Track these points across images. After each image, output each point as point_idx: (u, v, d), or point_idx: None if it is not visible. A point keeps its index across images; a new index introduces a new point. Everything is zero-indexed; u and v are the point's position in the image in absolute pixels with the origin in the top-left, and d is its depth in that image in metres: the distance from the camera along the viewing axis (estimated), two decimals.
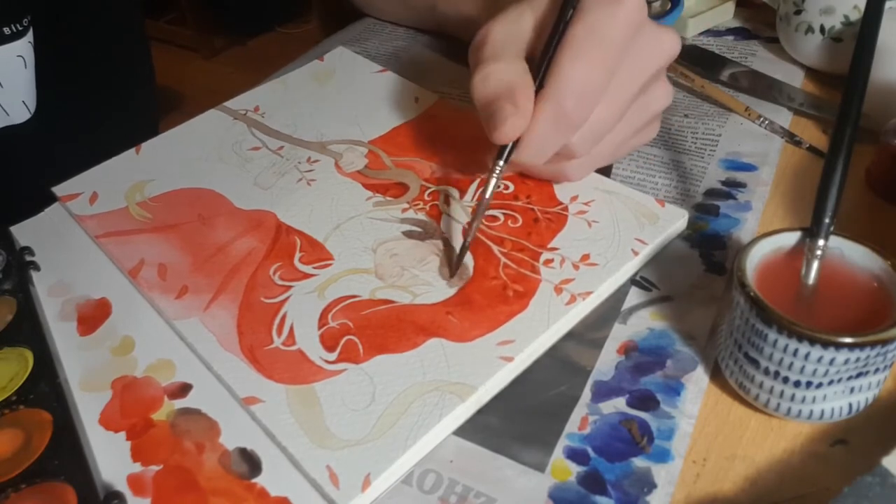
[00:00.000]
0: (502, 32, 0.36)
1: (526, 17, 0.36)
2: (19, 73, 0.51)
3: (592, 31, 0.33)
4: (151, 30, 2.25)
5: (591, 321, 0.35)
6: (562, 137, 0.35)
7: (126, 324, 0.36)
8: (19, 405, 0.32)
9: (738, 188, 0.42)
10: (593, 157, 0.38)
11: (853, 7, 0.48)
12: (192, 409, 0.32)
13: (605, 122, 0.36)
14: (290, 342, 0.33)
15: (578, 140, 0.36)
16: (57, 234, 0.41)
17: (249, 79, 0.56)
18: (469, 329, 0.33)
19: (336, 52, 0.54)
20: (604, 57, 0.33)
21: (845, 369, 0.28)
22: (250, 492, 0.28)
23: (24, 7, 0.50)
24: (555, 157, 0.37)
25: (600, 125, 0.35)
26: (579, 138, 0.35)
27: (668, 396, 0.31)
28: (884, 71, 0.43)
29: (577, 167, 0.39)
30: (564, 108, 0.33)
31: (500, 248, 0.37)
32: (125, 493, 0.29)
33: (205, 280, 0.37)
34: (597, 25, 0.33)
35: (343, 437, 0.29)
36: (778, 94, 0.50)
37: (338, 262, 0.37)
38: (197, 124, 0.48)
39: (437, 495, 0.29)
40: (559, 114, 0.33)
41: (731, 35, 0.58)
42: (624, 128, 0.37)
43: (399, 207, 0.41)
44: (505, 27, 0.36)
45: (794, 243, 0.31)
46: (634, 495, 0.28)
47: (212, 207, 0.42)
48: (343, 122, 0.47)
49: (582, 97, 0.33)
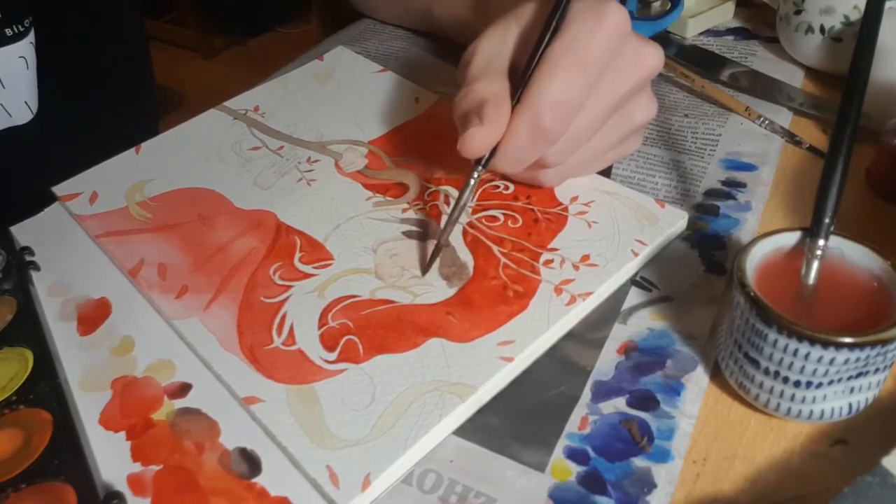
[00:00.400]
0: (487, 51, 0.37)
1: (511, 32, 0.37)
2: (21, 73, 0.51)
3: (573, 45, 0.34)
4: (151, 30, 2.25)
5: (591, 321, 0.35)
6: (538, 149, 0.35)
7: (126, 324, 0.36)
8: (19, 405, 0.32)
9: (738, 188, 0.42)
10: (570, 166, 0.39)
11: (853, 7, 0.48)
12: (192, 408, 0.32)
13: (582, 134, 0.36)
14: (290, 342, 0.33)
15: (554, 151, 0.36)
16: (57, 234, 0.41)
17: (249, 79, 0.56)
18: (469, 329, 0.33)
19: (336, 52, 0.55)
20: (582, 72, 0.34)
21: (845, 369, 0.28)
22: (250, 492, 0.28)
23: (25, 8, 0.50)
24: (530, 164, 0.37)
25: (576, 136, 0.36)
26: (555, 149, 0.36)
27: (668, 396, 0.31)
28: (884, 71, 0.43)
29: (553, 175, 0.39)
30: (540, 121, 0.34)
31: (500, 249, 0.37)
32: (125, 493, 0.29)
33: (205, 280, 0.37)
34: (577, 40, 0.34)
35: (343, 437, 0.29)
36: (778, 94, 0.50)
37: (338, 262, 0.37)
38: (197, 124, 0.48)
39: (437, 495, 0.29)
40: (535, 127, 0.34)
41: (731, 35, 0.58)
42: (604, 139, 0.38)
43: (399, 207, 0.41)
44: (490, 45, 0.37)
45: (794, 243, 0.31)
46: (634, 495, 0.28)
47: (212, 207, 0.42)
48: (343, 122, 0.47)
49: (558, 111, 0.34)
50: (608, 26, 0.34)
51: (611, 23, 0.34)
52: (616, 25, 0.34)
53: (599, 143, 0.38)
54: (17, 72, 0.50)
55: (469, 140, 0.34)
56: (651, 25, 0.55)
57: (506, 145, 0.35)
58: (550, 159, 0.36)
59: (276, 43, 2.51)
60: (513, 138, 0.34)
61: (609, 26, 0.34)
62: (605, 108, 0.36)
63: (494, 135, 0.34)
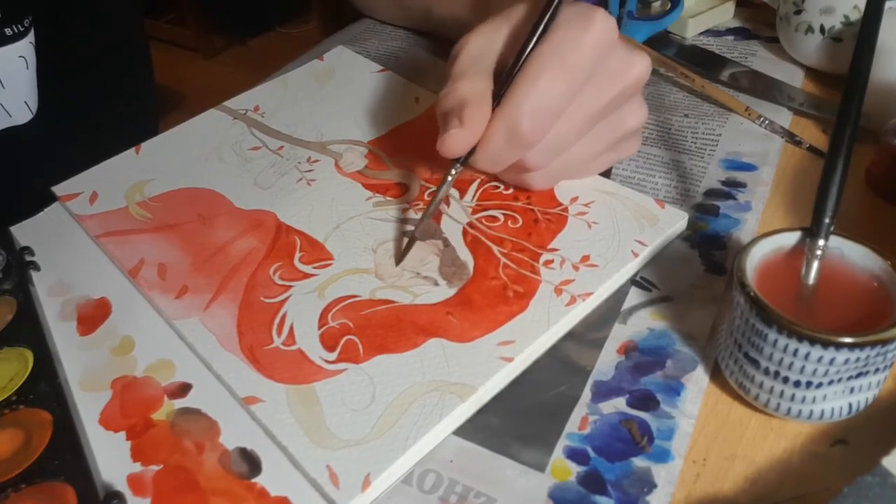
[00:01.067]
0: (475, 48, 0.37)
1: (501, 31, 0.37)
2: (21, 73, 0.51)
3: (558, 50, 0.34)
4: (151, 30, 2.25)
5: (591, 321, 0.35)
6: (515, 152, 0.35)
7: (126, 324, 0.36)
8: (19, 405, 0.32)
9: (738, 188, 0.42)
10: (557, 170, 0.39)
11: (853, 7, 0.48)
12: (192, 408, 0.32)
13: (563, 139, 0.36)
14: (290, 342, 0.33)
15: (533, 154, 0.36)
16: (57, 234, 0.41)
17: (249, 79, 0.56)
18: (469, 329, 0.33)
19: (336, 52, 0.55)
20: (565, 78, 0.34)
21: (845, 369, 0.28)
22: (250, 492, 0.28)
23: (25, 8, 0.50)
24: (513, 167, 0.37)
25: (557, 141, 0.36)
26: (534, 153, 0.36)
27: (668, 396, 0.31)
28: (884, 71, 0.43)
29: (538, 178, 0.39)
30: (517, 125, 0.34)
31: (500, 249, 0.37)
32: (125, 493, 0.29)
33: (205, 280, 0.37)
34: (563, 46, 0.34)
35: (343, 437, 0.29)
36: (778, 94, 0.50)
37: (338, 262, 0.37)
38: (197, 124, 0.48)
39: (437, 495, 0.29)
40: (512, 131, 0.34)
41: (731, 35, 0.58)
42: (590, 145, 0.38)
43: (399, 207, 0.41)
44: (479, 42, 0.37)
45: (794, 243, 0.31)
46: (634, 495, 0.28)
47: (212, 207, 0.42)
48: (343, 122, 0.47)
49: (536, 116, 0.34)
50: (595, 34, 0.34)
51: (598, 30, 0.34)
52: (603, 32, 0.34)
53: (585, 148, 0.38)
54: (16, 72, 0.50)
55: (448, 141, 0.35)
56: (651, 25, 0.55)
57: (483, 146, 0.35)
58: (530, 162, 0.37)
59: (276, 43, 2.51)
60: (490, 140, 0.35)
61: (596, 34, 0.34)
62: (588, 114, 0.36)
63: (472, 137, 0.35)
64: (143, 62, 0.67)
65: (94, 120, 0.58)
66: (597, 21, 0.34)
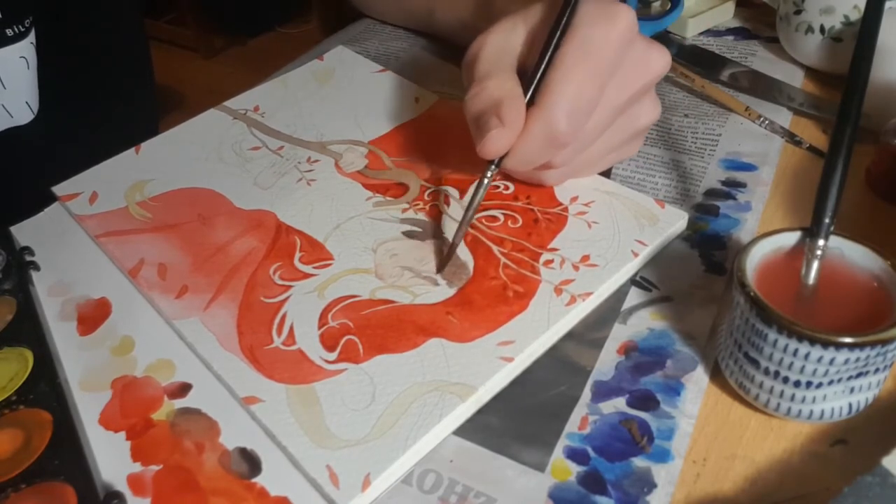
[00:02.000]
0: (494, 47, 0.36)
1: (518, 30, 0.37)
2: (22, 74, 0.51)
3: (585, 49, 0.33)
4: (151, 30, 2.25)
5: (591, 321, 0.35)
6: (550, 152, 0.35)
7: (126, 324, 0.36)
8: (19, 405, 0.32)
9: (738, 188, 0.42)
10: (574, 167, 0.39)
11: (853, 7, 0.48)
12: (192, 408, 0.32)
13: (590, 136, 0.36)
14: (290, 342, 0.33)
15: (563, 153, 0.36)
16: (57, 234, 0.41)
17: (249, 79, 0.56)
18: (469, 329, 0.33)
19: (336, 52, 0.55)
20: (595, 76, 0.34)
21: (845, 369, 0.28)
22: (250, 491, 0.28)
23: (26, 8, 0.50)
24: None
25: (585, 139, 0.36)
26: (564, 151, 0.36)
27: (668, 396, 0.31)
28: (884, 71, 0.43)
29: (555, 175, 0.39)
30: (556, 126, 0.34)
31: (500, 249, 0.37)
32: (125, 493, 0.29)
33: (205, 280, 0.37)
34: (590, 43, 0.34)
35: (343, 437, 0.29)
36: (778, 94, 0.50)
37: (338, 262, 0.37)
38: (197, 124, 0.48)
39: (437, 495, 0.29)
40: (550, 132, 0.34)
41: (731, 35, 0.58)
42: (607, 141, 0.38)
43: (399, 207, 0.41)
44: (497, 41, 0.37)
45: (794, 243, 0.31)
46: (634, 495, 0.28)
47: (212, 207, 0.42)
48: (343, 122, 0.47)
49: (573, 117, 0.34)
50: (621, 30, 0.34)
51: (622, 25, 0.34)
52: (627, 29, 0.34)
53: (604, 144, 0.38)
54: (17, 72, 0.50)
55: (490, 141, 0.34)
56: (651, 25, 0.55)
57: (519, 147, 0.35)
58: (558, 160, 0.36)
59: (276, 43, 2.50)
60: (527, 141, 0.34)
61: (621, 30, 0.34)
62: (613, 110, 0.36)
63: (514, 136, 0.34)
64: (143, 62, 0.67)
65: (94, 120, 0.58)
66: (620, 16, 0.34)
